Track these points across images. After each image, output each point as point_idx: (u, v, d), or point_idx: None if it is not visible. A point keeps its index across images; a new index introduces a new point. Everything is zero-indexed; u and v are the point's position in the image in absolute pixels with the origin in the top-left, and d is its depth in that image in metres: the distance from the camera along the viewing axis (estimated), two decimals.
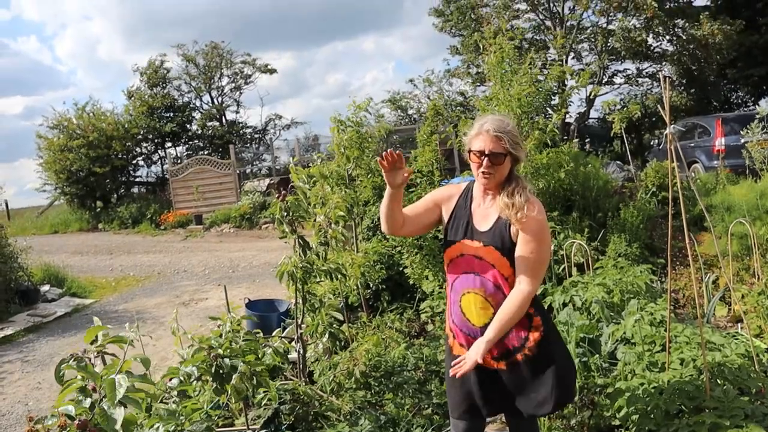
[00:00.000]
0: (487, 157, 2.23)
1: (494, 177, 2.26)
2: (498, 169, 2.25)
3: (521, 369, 2.31)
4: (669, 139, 3.06)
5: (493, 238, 2.27)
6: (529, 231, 2.21)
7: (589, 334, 3.94)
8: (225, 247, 13.03)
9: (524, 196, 2.24)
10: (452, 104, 18.96)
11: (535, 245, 2.21)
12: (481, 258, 2.28)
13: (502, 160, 2.24)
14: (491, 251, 2.26)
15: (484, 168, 2.24)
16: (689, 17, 16.10)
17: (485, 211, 2.33)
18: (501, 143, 2.22)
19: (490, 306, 2.27)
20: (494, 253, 2.26)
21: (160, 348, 5.94)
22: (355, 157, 5.00)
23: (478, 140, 2.27)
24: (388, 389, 3.76)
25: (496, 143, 2.22)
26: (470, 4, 18.79)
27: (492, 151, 2.22)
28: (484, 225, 2.32)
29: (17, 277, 8.53)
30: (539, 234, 2.22)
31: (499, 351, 2.31)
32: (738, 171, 9.38)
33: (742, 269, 5.69)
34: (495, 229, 2.28)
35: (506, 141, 2.22)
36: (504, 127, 2.25)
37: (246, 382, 2.75)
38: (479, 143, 2.26)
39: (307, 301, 3.66)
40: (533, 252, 2.21)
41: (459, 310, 2.35)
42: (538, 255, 2.21)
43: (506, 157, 2.25)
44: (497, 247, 2.26)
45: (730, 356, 3.19)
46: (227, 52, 22.90)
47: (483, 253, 2.28)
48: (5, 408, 5.05)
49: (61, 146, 18.55)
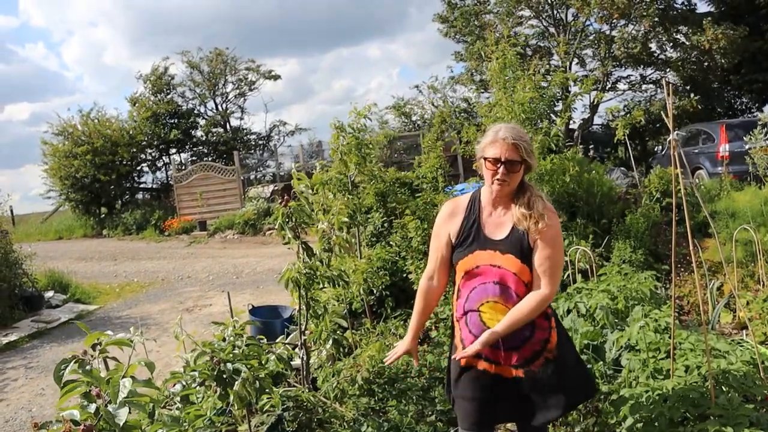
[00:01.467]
0: (503, 165, 2.25)
1: (508, 184, 2.28)
2: (513, 177, 2.27)
3: (542, 373, 2.30)
4: (672, 145, 3.06)
5: (511, 245, 2.28)
6: (546, 239, 2.25)
7: (593, 341, 3.93)
8: (229, 254, 13.05)
9: (542, 204, 2.29)
10: (456, 111, 18.98)
11: (551, 250, 2.25)
12: (499, 266, 2.28)
13: (518, 167, 2.27)
14: (510, 259, 2.27)
15: (500, 176, 2.26)
16: (692, 23, 16.10)
17: (498, 220, 2.35)
18: (518, 151, 2.24)
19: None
20: (514, 261, 2.27)
21: (164, 354, 5.94)
22: (356, 163, 5.00)
23: (493, 148, 2.28)
24: (392, 396, 3.75)
25: (512, 151, 2.24)
26: (474, 11, 18.85)
27: (508, 158, 2.24)
28: (498, 233, 2.32)
29: (21, 283, 8.55)
30: (556, 238, 2.27)
31: (522, 357, 2.30)
32: (742, 177, 9.36)
33: (746, 276, 5.66)
34: (512, 237, 2.29)
35: (522, 149, 2.25)
36: (520, 135, 2.28)
37: (249, 387, 2.74)
38: (494, 150, 2.27)
39: (311, 307, 3.66)
40: (550, 257, 2.25)
41: (478, 321, 2.31)
42: (554, 260, 2.26)
43: (521, 164, 2.28)
44: (517, 254, 2.27)
45: (735, 363, 3.17)
46: (231, 59, 23.01)
47: (501, 261, 2.28)
48: (9, 414, 5.06)
49: (66, 152, 18.66)
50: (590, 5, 15.31)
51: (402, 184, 7.22)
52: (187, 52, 22.55)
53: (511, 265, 2.27)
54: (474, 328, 2.33)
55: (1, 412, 5.13)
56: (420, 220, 5.74)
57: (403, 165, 12.88)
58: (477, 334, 2.30)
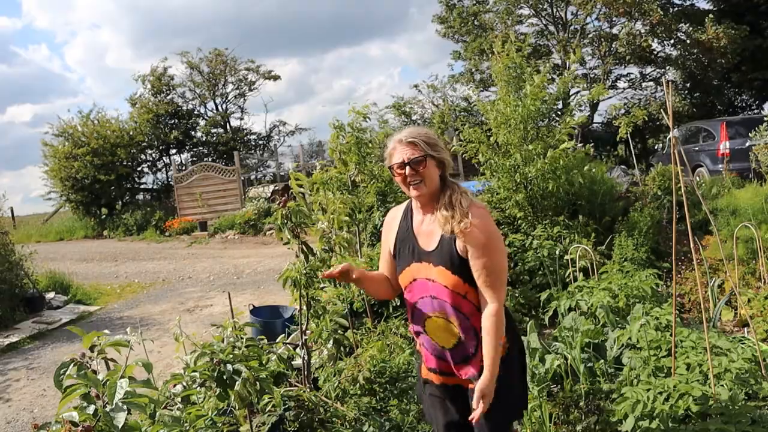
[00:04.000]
0: (408, 166, 2.13)
1: (425, 184, 2.14)
2: (424, 173, 2.13)
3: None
4: (673, 143, 3.06)
5: (441, 257, 2.13)
6: (476, 244, 2.06)
7: (594, 339, 3.93)
8: (229, 254, 13.05)
9: (466, 201, 2.12)
10: (456, 110, 19.00)
11: (486, 259, 2.06)
12: (433, 280, 2.15)
13: (423, 164, 2.12)
14: (442, 272, 2.13)
15: (409, 177, 2.14)
16: (693, 21, 16.09)
17: (429, 229, 2.19)
18: (416, 148, 2.13)
19: (454, 326, 2.16)
20: (445, 274, 2.12)
21: (165, 355, 5.94)
22: (356, 162, 5.00)
23: (395, 154, 2.18)
24: (393, 395, 3.75)
25: (411, 149, 2.13)
26: (473, 11, 18.89)
27: (410, 158, 2.13)
28: (430, 244, 2.17)
29: (22, 285, 8.56)
30: (488, 244, 2.07)
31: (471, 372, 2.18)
32: (743, 174, 9.35)
33: (747, 273, 5.65)
34: (441, 248, 2.13)
35: (421, 144, 2.13)
36: (417, 132, 2.17)
37: (250, 388, 2.74)
38: (397, 156, 2.17)
39: (312, 307, 3.66)
40: (485, 266, 2.06)
41: (429, 339, 2.25)
42: (492, 267, 2.07)
43: (426, 160, 2.13)
44: (447, 266, 2.11)
45: (736, 361, 3.17)
46: (231, 59, 23.04)
47: (435, 274, 2.15)
48: (11, 415, 5.06)
49: (66, 154, 18.69)
50: (593, 2, 15.32)
51: None
52: (187, 53, 22.63)
53: (443, 279, 2.13)
54: (428, 347, 2.28)
55: (3, 413, 5.13)
56: None
57: None
58: (429, 348, 2.27)
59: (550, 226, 6.39)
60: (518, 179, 6.72)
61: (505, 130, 6.69)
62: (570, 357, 3.79)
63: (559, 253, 5.73)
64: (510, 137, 6.68)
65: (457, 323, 2.15)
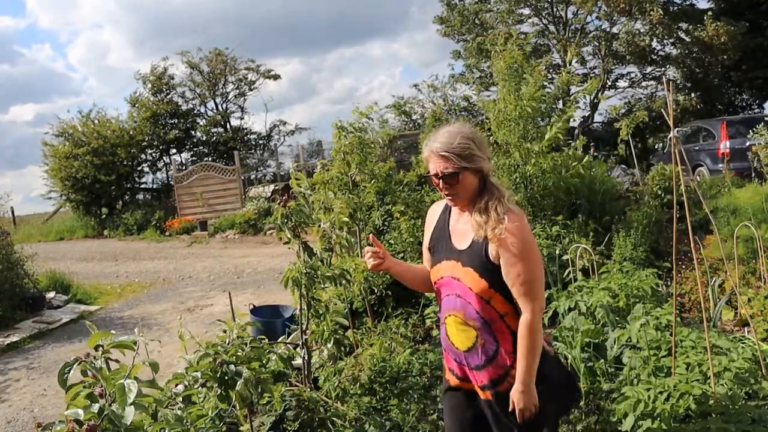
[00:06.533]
0: (441, 179, 2.08)
1: (459, 196, 2.11)
2: (458, 188, 2.08)
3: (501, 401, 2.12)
4: (673, 142, 3.06)
5: (471, 259, 2.09)
6: (509, 251, 1.99)
7: (594, 339, 3.93)
8: (230, 253, 13.05)
9: (502, 208, 2.04)
10: (456, 109, 19.00)
11: (522, 266, 1.99)
12: (459, 279, 2.12)
13: (456, 179, 2.06)
14: (470, 273, 2.08)
15: (443, 190, 2.11)
16: (692, 19, 16.09)
17: (463, 228, 2.16)
18: (449, 162, 2.04)
19: (471, 329, 2.11)
20: (473, 276, 2.07)
21: (165, 354, 5.94)
22: (357, 162, 5.01)
23: (430, 163, 2.12)
24: (393, 395, 3.75)
25: (444, 162, 2.06)
26: (474, 10, 18.89)
27: (442, 172, 2.06)
28: (462, 243, 2.14)
29: (23, 284, 8.56)
30: (523, 252, 1.99)
31: (487, 378, 2.14)
32: (743, 174, 9.35)
33: (748, 272, 5.66)
34: (472, 249, 2.09)
35: (454, 159, 2.03)
36: (450, 142, 2.05)
37: (251, 388, 2.75)
38: (432, 166, 2.11)
39: (312, 306, 3.66)
40: (521, 274, 1.99)
41: (445, 333, 2.23)
42: (526, 276, 2.00)
43: (460, 174, 2.05)
44: (475, 268, 2.07)
45: (736, 360, 3.17)
46: (231, 59, 23.02)
47: (461, 274, 2.11)
48: (11, 415, 5.07)
49: (66, 153, 18.70)
50: (593, 1, 15.32)
51: (398, 183, 7.25)
52: (187, 53, 22.60)
53: (470, 281, 2.08)
54: (443, 340, 2.26)
55: (4, 412, 5.13)
56: (413, 219, 5.78)
57: (403, 164, 12.90)
58: (446, 347, 2.25)
59: (549, 225, 6.40)
60: (517, 179, 6.73)
61: (505, 129, 6.70)
62: (570, 357, 3.79)
63: (559, 252, 5.74)
64: (510, 136, 6.69)
65: (475, 326, 2.11)
